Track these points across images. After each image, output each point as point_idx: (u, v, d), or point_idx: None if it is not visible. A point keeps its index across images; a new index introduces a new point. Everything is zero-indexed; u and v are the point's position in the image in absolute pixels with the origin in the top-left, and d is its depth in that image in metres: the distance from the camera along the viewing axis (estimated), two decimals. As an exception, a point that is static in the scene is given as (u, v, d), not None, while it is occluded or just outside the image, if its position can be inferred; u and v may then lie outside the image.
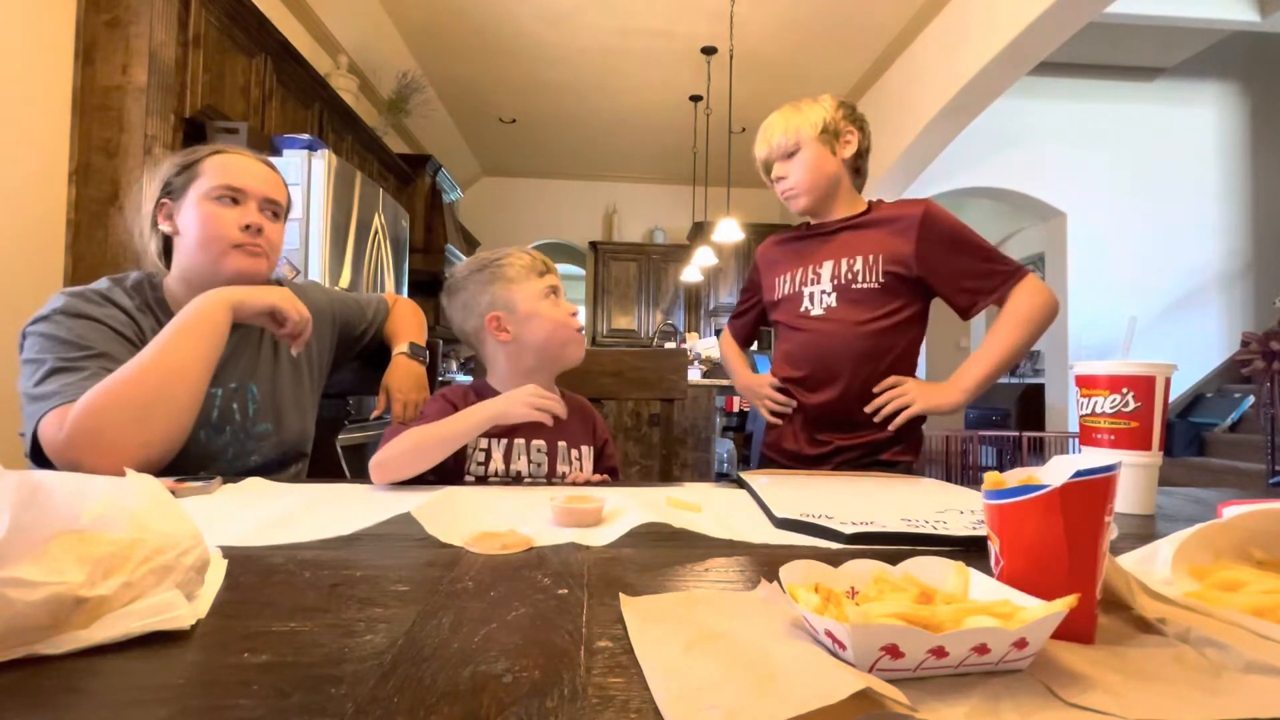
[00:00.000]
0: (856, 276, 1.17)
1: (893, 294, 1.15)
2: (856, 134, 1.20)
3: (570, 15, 3.67)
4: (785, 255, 1.29)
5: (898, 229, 1.15)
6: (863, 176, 1.25)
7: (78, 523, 0.34)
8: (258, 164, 0.97)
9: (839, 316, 1.18)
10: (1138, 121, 5.06)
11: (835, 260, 1.19)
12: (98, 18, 1.96)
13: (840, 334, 1.17)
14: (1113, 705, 0.28)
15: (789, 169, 1.20)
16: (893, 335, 1.16)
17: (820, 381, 1.19)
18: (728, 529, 0.60)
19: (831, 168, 1.19)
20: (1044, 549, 0.36)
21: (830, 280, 1.19)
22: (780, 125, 1.20)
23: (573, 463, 0.98)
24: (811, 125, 1.18)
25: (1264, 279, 5.07)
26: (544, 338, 0.96)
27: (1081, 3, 2.71)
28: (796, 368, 1.23)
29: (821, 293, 1.20)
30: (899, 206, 1.19)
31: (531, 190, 6.53)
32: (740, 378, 1.42)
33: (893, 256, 1.14)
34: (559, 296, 0.99)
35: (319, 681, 0.29)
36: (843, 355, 1.16)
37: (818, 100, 1.21)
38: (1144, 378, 0.70)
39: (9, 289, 1.79)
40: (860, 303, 1.16)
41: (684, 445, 2.78)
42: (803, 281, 1.23)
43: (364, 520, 0.58)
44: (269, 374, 1.01)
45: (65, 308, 0.86)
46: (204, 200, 0.92)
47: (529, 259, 0.99)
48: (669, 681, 0.29)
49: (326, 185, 2.22)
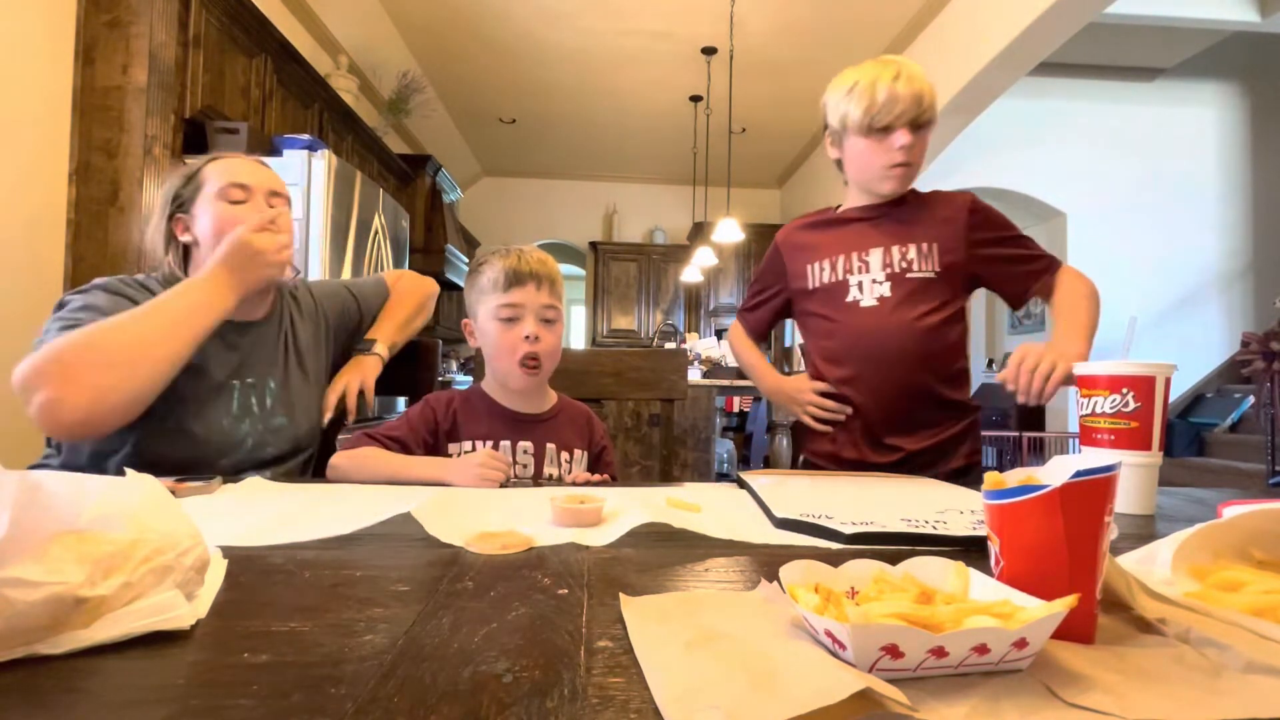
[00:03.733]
0: (912, 265, 1.08)
1: (947, 285, 1.08)
2: None
3: (570, 15, 3.67)
4: (819, 240, 1.17)
5: (946, 218, 1.09)
6: None
7: (78, 523, 0.34)
8: (254, 163, 1.02)
9: (893, 307, 1.08)
10: (1138, 121, 5.05)
11: (885, 247, 1.09)
12: (98, 18, 1.96)
13: (897, 326, 1.07)
14: (1113, 705, 0.28)
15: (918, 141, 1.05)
16: (947, 329, 1.08)
17: (877, 380, 1.09)
18: (728, 529, 0.60)
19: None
20: (1044, 549, 0.36)
21: (882, 268, 1.09)
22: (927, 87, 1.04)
23: (561, 464, 0.99)
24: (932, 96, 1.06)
25: (1264, 279, 5.06)
26: (489, 357, 0.97)
27: (1081, 3, 2.71)
28: (843, 366, 1.12)
29: (873, 281, 1.09)
30: (942, 196, 1.13)
31: (531, 190, 6.53)
32: (767, 379, 1.28)
33: (948, 246, 1.07)
34: (525, 317, 0.94)
35: (319, 681, 0.29)
36: (900, 350, 1.07)
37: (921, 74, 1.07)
38: (1144, 378, 0.70)
39: (9, 289, 1.79)
40: (917, 293, 1.07)
41: (684, 445, 2.78)
42: (847, 269, 1.12)
43: (364, 520, 0.58)
44: (283, 371, 1.05)
45: (105, 284, 0.92)
46: (215, 201, 0.96)
47: (498, 269, 0.94)
48: (669, 681, 0.29)
49: (326, 185, 2.22)
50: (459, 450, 0.96)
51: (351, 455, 0.88)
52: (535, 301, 0.94)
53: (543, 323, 0.95)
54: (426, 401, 0.98)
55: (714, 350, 4.05)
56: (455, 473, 0.81)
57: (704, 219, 5.58)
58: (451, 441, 0.97)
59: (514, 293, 0.94)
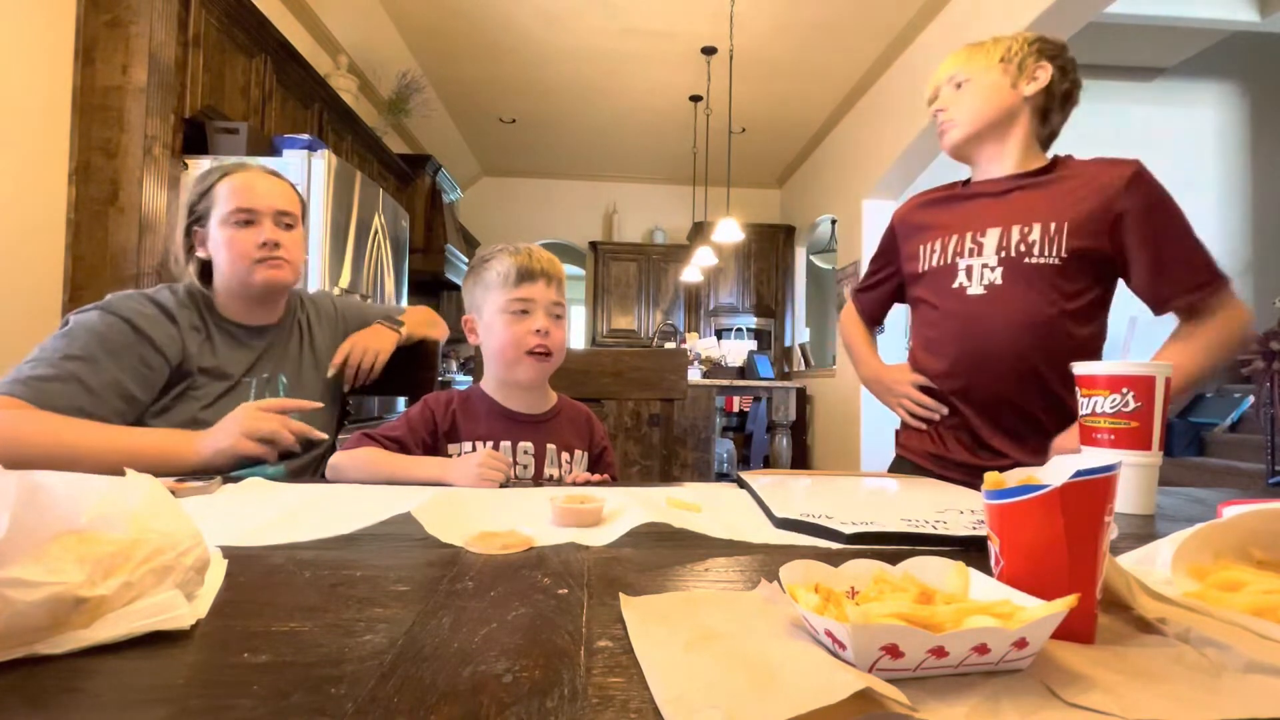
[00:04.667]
0: (1031, 249, 0.95)
1: (1077, 274, 0.94)
2: (1050, 70, 0.98)
3: (570, 15, 3.67)
4: (935, 218, 1.07)
5: (1094, 190, 0.93)
6: (1051, 129, 1.03)
7: (78, 523, 0.34)
8: (265, 179, 1.04)
9: (1005, 296, 0.96)
10: (1138, 121, 5.05)
11: (1004, 227, 0.97)
12: (98, 18, 1.96)
13: (1011, 317, 0.95)
14: (1113, 705, 0.28)
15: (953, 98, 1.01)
16: (1071, 324, 0.94)
17: (979, 377, 0.99)
18: (728, 529, 0.60)
19: (1006, 100, 0.98)
20: (1044, 549, 0.36)
21: (996, 251, 0.97)
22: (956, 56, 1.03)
23: (562, 465, 0.99)
24: (989, 56, 1.00)
25: (1264, 279, 5.06)
26: (494, 351, 0.97)
27: (1081, 3, 2.72)
28: (942, 359, 1.03)
29: (983, 266, 0.98)
30: (1096, 166, 0.97)
31: (531, 190, 6.53)
32: (867, 367, 1.19)
33: (1081, 226, 0.93)
34: (534, 311, 0.94)
35: (319, 681, 0.29)
36: (1007, 346, 0.95)
37: (1015, 35, 1.02)
38: (1144, 378, 0.70)
39: (9, 289, 1.78)
40: (1034, 282, 0.94)
41: (684, 445, 2.78)
42: (958, 251, 1.01)
43: (364, 520, 0.58)
44: (296, 368, 1.10)
45: (108, 304, 0.95)
46: (223, 226, 1.00)
47: (507, 265, 0.95)
48: (669, 681, 0.29)
49: (326, 185, 2.22)
50: (459, 451, 0.95)
51: (351, 455, 0.88)
52: (545, 298, 0.95)
53: (552, 319, 0.96)
54: (425, 402, 0.98)
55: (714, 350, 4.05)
56: (455, 473, 0.81)
57: (704, 219, 5.58)
58: (451, 442, 0.96)
59: (524, 288, 0.94)
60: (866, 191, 4.26)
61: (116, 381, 0.89)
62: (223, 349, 1.02)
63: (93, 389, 0.87)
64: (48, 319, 1.87)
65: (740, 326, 6.04)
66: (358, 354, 1.15)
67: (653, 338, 5.39)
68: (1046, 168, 1.00)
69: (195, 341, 0.99)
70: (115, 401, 0.89)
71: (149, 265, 1.94)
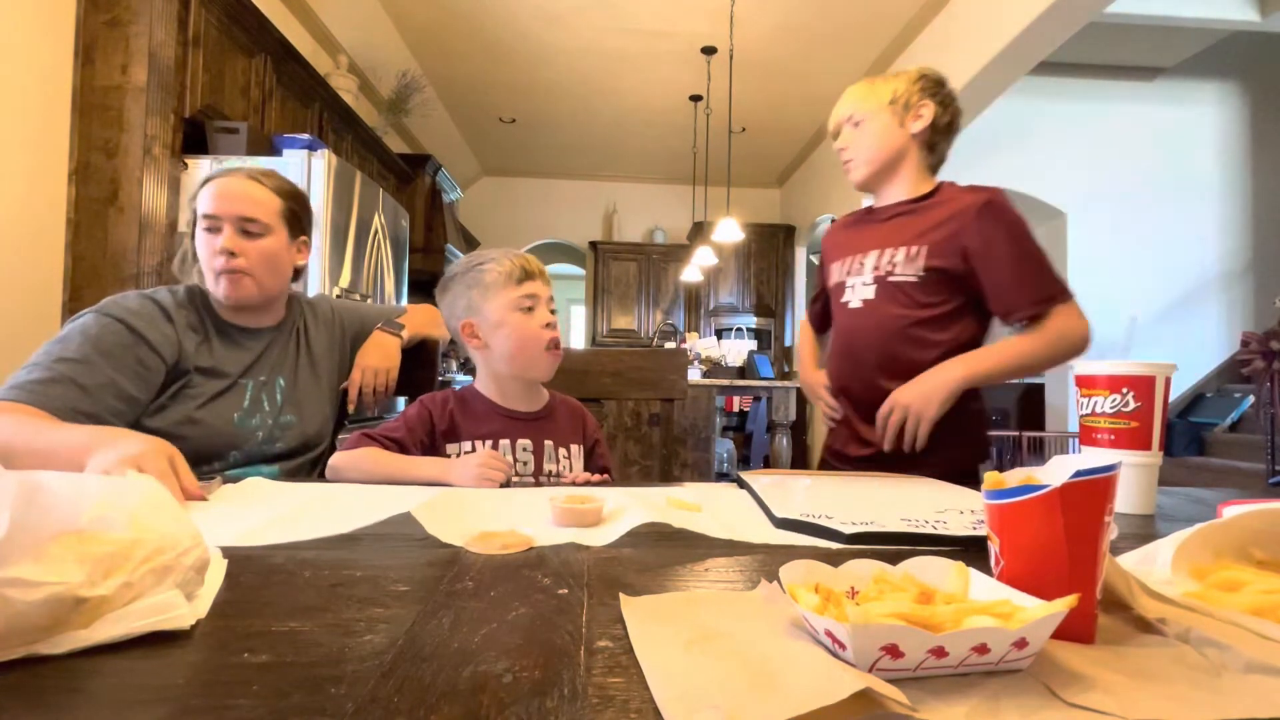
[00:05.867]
0: (896, 268, 1.08)
1: (935, 289, 1.07)
2: (933, 107, 1.09)
3: (570, 15, 3.67)
4: (842, 241, 1.21)
5: (953, 215, 1.06)
6: (939, 156, 1.14)
7: (78, 523, 0.34)
8: (238, 183, 1.01)
9: (875, 311, 1.10)
10: (1138, 121, 5.05)
11: (880, 249, 1.11)
12: (98, 17, 1.95)
13: (876, 330, 1.10)
14: (1113, 705, 0.28)
15: (852, 138, 1.13)
16: (933, 328, 1.07)
17: (861, 383, 1.12)
18: (728, 529, 0.60)
19: (896, 140, 1.10)
20: (1044, 549, 0.36)
21: (872, 270, 1.11)
22: (852, 94, 1.14)
23: (560, 460, 1.00)
24: (879, 97, 1.11)
25: (1264, 279, 5.06)
26: (511, 350, 0.97)
27: (1081, 3, 2.71)
28: (837, 365, 1.17)
29: (862, 284, 1.12)
30: (963, 193, 1.09)
31: (531, 190, 6.53)
32: (801, 372, 1.35)
33: (939, 249, 1.05)
34: (539, 307, 0.97)
35: (319, 681, 0.29)
36: (873, 350, 1.10)
37: (900, 73, 1.12)
38: (1144, 378, 0.70)
39: (9, 289, 1.78)
40: (896, 296, 1.08)
41: (684, 445, 2.77)
42: (848, 271, 1.16)
43: (364, 520, 0.58)
44: (293, 371, 1.09)
45: (103, 307, 0.95)
46: (199, 231, 1.00)
47: (509, 265, 0.96)
48: (669, 681, 0.29)
49: (326, 185, 2.22)
50: (458, 450, 0.96)
51: (351, 455, 0.88)
52: (545, 294, 0.99)
53: (551, 314, 0.99)
54: (422, 402, 0.99)
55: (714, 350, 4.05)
56: (456, 473, 0.81)
57: (704, 219, 5.58)
58: (450, 441, 0.97)
59: (528, 285, 0.97)
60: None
61: (112, 381, 0.89)
62: (220, 349, 1.02)
63: (88, 389, 0.87)
64: (48, 319, 1.87)
65: (740, 326, 6.04)
66: (369, 379, 1.13)
67: (653, 338, 5.39)
68: (928, 195, 1.12)
69: (192, 341, 0.99)
70: (112, 401, 0.89)
71: (149, 265, 1.94)
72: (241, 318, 1.05)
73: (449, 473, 0.82)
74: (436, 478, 0.82)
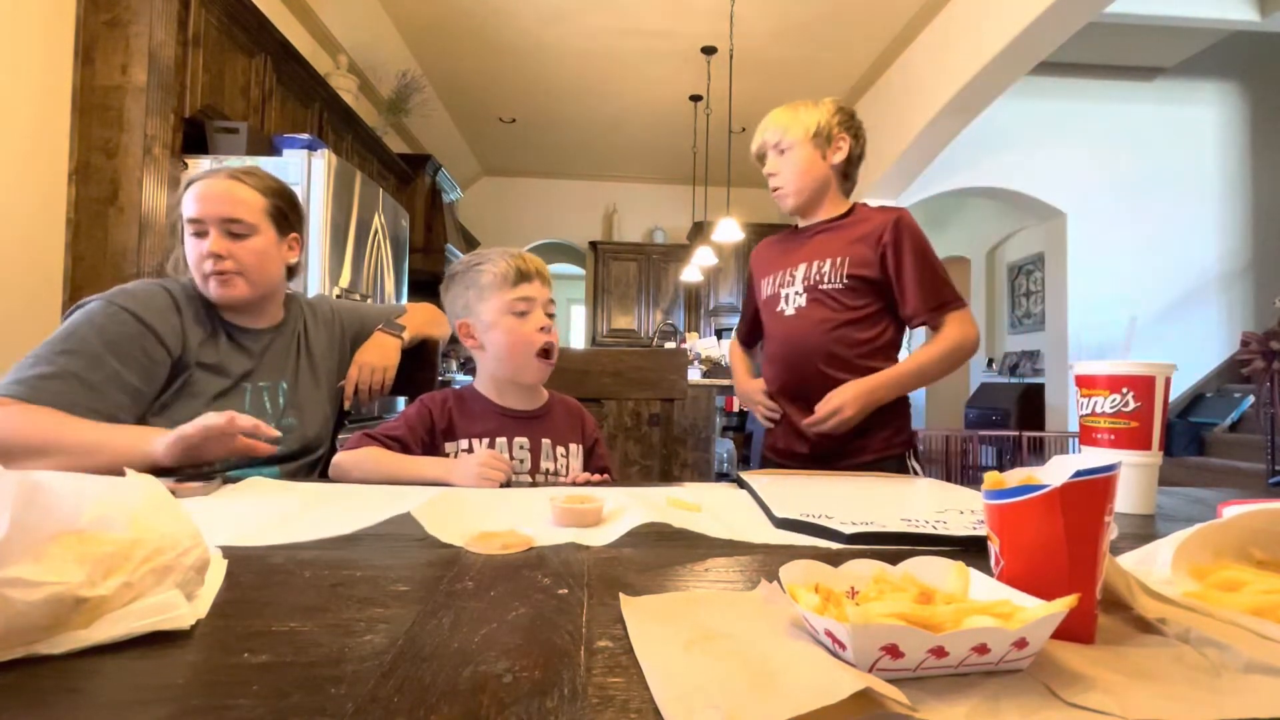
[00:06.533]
0: (824, 278, 1.22)
1: (858, 294, 1.20)
2: (849, 141, 1.24)
3: (570, 15, 3.67)
4: (771, 257, 1.34)
5: (867, 233, 1.20)
6: (851, 182, 1.29)
7: (78, 523, 0.34)
8: (220, 185, 0.99)
9: (808, 315, 1.23)
10: (1138, 121, 5.05)
11: (808, 262, 1.24)
12: (97, 17, 1.95)
13: (810, 332, 1.22)
14: (1113, 705, 0.28)
15: (780, 166, 1.25)
16: (859, 329, 1.20)
17: (798, 379, 1.23)
18: (728, 529, 0.60)
19: (819, 171, 1.24)
20: (1044, 549, 0.36)
21: (803, 281, 1.24)
22: (776, 121, 1.25)
23: (558, 459, 1.00)
24: (804, 128, 1.22)
25: (1264, 279, 5.06)
26: (501, 354, 0.97)
27: (1081, 3, 2.71)
28: (776, 368, 1.28)
29: (795, 293, 1.25)
30: (875, 212, 1.24)
31: (531, 190, 6.53)
32: (738, 384, 1.44)
33: (859, 260, 1.19)
34: (534, 310, 0.96)
35: (319, 681, 0.29)
36: (813, 352, 1.21)
37: (818, 103, 1.24)
38: (1144, 378, 0.70)
39: (9, 289, 1.78)
40: (825, 303, 1.22)
41: (684, 445, 2.77)
42: (781, 283, 1.28)
43: (364, 520, 0.58)
44: (294, 374, 1.09)
45: (112, 295, 0.94)
46: (187, 236, 0.99)
47: (504, 266, 0.96)
48: (669, 681, 0.29)
49: (326, 185, 2.22)
50: (456, 449, 0.96)
51: (354, 455, 0.89)
52: (542, 296, 0.98)
53: (548, 317, 0.98)
54: (422, 401, 0.99)
55: (714, 350, 4.05)
56: (456, 473, 0.82)
57: (704, 218, 5.58)
58: (448, 440, 0.97)
59: (524, 287, 0.96)
60: (866, 191, 4.26)
61: (117, 375, 0.88)
62: (225, 348, 1.01)
63: (92, 384, 0.86)
64: (48, 319, 1.87)
65: (740, 326, 6.03)
66: (365, 376, 1.13)
67: (653, 337, 5.39)
68: (844, 215, 1.26)
69: (198, 336, 0.98)
70: (117, 395, 0.88)
71: (149, 265, 1.94)
72: (240, 318, 1.05)
73: (451, 473, 0.82)
74: (438, 477, 0.82)
